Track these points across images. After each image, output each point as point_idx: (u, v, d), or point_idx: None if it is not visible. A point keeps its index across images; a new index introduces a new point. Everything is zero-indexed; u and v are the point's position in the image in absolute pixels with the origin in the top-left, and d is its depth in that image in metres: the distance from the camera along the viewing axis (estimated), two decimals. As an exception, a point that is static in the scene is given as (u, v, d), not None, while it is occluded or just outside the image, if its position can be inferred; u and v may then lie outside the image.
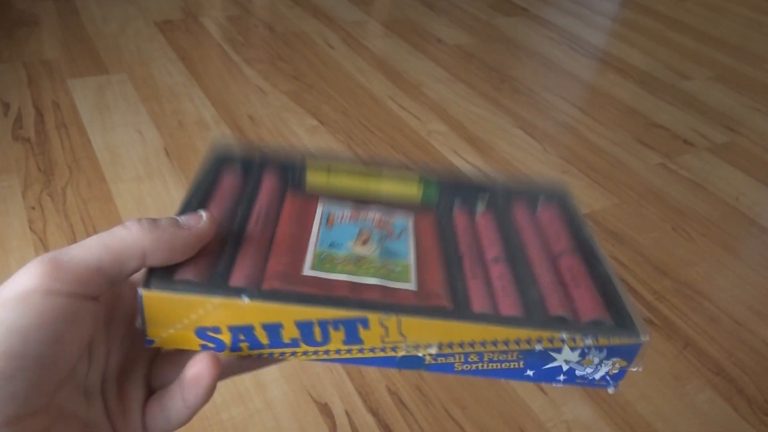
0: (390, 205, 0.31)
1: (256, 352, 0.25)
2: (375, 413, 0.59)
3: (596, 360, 0.24)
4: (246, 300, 0.23)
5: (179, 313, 0.23)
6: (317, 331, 0.24)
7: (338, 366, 0.64)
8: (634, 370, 0.25)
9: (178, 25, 1.33)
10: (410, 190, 0.32)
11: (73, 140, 0.91)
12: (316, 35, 1.37)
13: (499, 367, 0.25)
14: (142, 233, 0.22)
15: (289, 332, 0.24)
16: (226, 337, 0.24)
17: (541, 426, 0.60)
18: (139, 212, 0.79)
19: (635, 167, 1.05)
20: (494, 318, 0.25)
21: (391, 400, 0.61)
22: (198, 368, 0.23)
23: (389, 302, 0.25)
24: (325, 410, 0.59)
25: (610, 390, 0.25)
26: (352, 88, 1.17)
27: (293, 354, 0.25)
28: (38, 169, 0.84)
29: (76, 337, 0.20)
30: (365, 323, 0.24)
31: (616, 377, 0.25)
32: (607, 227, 0.89)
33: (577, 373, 0.25)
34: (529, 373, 0.25)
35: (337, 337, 0.24)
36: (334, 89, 1.16)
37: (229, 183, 0.30)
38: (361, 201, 0.31)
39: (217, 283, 0.24)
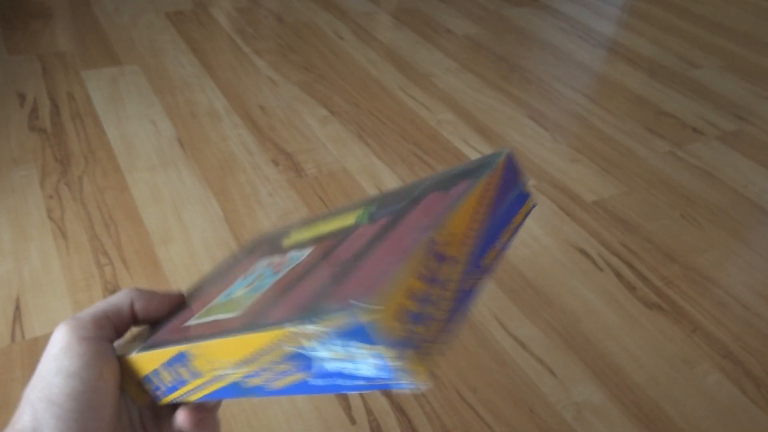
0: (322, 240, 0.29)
1: (181, 392, 0.27)
2: (388, 395, 0.61)
3: (345, 352, 0.18)
4: (134, 354, 0.27)
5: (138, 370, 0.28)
6: (172, 371, 0.26)
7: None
8: (413, 368, 0.18)
9: (188, 16, 1.34)
10: (349, 220, 0.30)
11: (89, 131, 0.92)
12: (326, 26, 1.38)
13: (285, 382, 0.21)
14: (131, 291, 0.30)
15: (165, 375, 0.27)
16: (160, 382, 0.28)
17: (551, 407, 0.62)
18: (155, 201, 0.81)
19: (644, 156, 1.06)
20: (237, 329, 0.22)
21: (403, 382, 0.62)
22: (179, 419, 0.29)
23: (194, 334, 0.25)
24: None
25: (410, 389, 0.21)
26: (362, 79, 1.18)
27: (192, 391, 0.27)
28: (55, 159, 0.86)
29: (112, 371, 0.27)
30: (183, 358, 0.25)
31: (402, 375, 0.18)
32: (616, 215, 0.90)
33: (357, 373, 0.19)
34: (318, 382, 0.20)
35: (186, 373, 0.26)
36: (345, 80, 1.17)
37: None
38: (300, 246, 0.30)
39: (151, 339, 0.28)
